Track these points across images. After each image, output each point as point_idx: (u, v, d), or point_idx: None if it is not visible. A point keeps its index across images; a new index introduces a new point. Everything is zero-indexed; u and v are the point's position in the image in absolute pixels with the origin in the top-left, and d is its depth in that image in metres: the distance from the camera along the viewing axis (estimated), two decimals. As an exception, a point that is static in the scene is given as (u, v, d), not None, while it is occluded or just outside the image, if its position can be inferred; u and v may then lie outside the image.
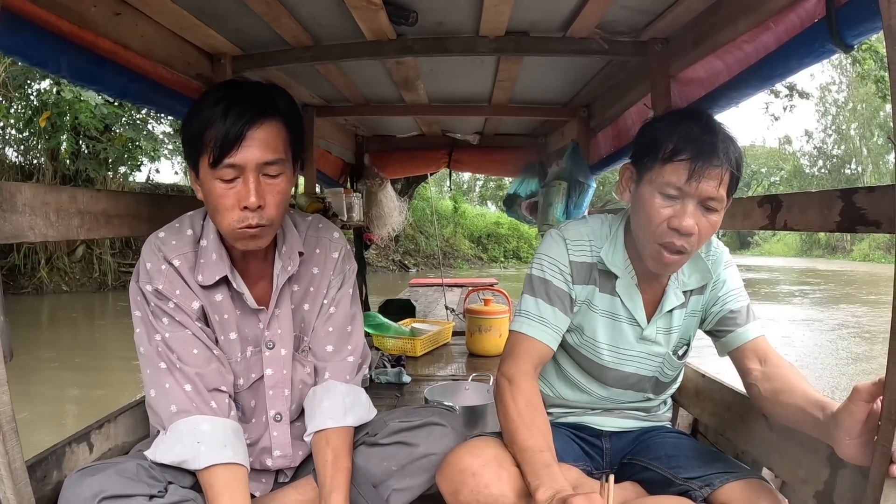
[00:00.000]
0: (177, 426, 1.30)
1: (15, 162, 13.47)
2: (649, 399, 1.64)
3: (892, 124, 0.98)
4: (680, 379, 1.71)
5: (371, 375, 3.15)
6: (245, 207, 1.27)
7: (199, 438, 1.29)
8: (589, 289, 1.54)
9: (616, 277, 1.52)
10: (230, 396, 1.39)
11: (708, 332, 1.59)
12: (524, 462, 1.28)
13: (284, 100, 1.35)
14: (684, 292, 1.53)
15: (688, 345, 1.61)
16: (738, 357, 1.49)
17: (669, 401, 1.74)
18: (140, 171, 14.37)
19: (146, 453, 1.32)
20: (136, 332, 1.37)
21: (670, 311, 1.53)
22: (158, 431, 1.36)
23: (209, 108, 1.27)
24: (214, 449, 1.29)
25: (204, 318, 1.41)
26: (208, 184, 1.29)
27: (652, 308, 1.54)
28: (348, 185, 4.57)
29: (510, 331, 1.53)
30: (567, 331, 1.56)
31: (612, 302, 1.53)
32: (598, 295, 1.53)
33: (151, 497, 1.21)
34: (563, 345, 1.59)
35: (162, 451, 1.30)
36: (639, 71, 2.41)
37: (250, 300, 1.42)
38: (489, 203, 32.99)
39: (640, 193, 1.38)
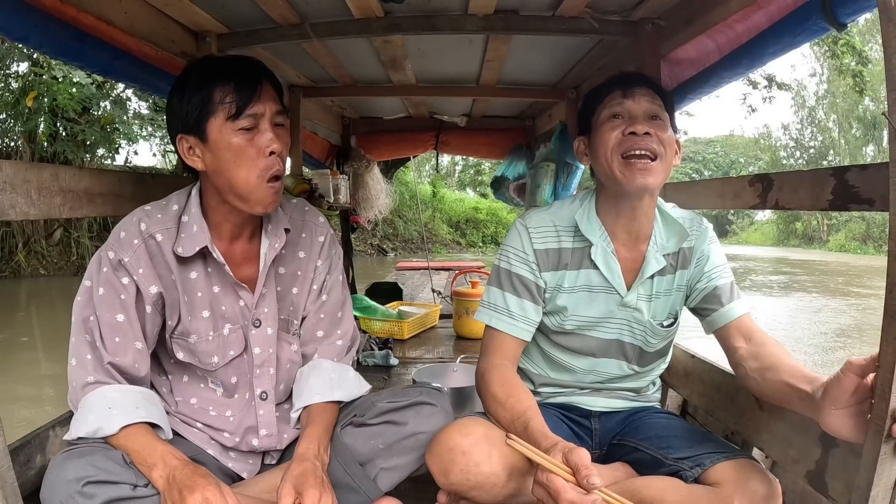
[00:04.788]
0: (87, 399, 1.31)
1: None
2: (635, 373, 1.63)
3: (886, 104, 0.97)
4: (668, 358, 1.71)
5: (358, 358, 3.13)
6: (271, 153, 1.33)
7: (109, 404, 1.30)
8: (559, 274, 1.55)
9: (590, 247, 1.52)
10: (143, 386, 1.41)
11: (693, 310, 1.60)
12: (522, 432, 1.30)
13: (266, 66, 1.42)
14: (665, 256, 1.54)
15: (675, 318, 1.61)
16: (723, 336, 1.50)
17: (658, 381, 1.75)
18: (118, 154, 14.12)
19: (65, 437, 1.33)
20: (77, 299, 1.37)
21: (651, 276, 1.54)
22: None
23: (209, 71, 1.32)
24: (126, 411, 1.30)
25: (161, 304, 1.41)
26: (226, 141, 1.31)
27: (632, 275, 1.55)
28: (335, 167, 4.52)
29: (486, 326, 1.57)
30: (544, 314, 1.58)
31: (586, 276, 1.55)
32: (569, 275, 1.55)
33: (135, 486, 1.20)
34: (543, 328, 1.60)
35: (77, 425, 1.29)
36: (628, 51, 2.39)
37: (229, 272, 1.42)
38: (468, 189, 32.90)
39: (593, 142, 1.49)
